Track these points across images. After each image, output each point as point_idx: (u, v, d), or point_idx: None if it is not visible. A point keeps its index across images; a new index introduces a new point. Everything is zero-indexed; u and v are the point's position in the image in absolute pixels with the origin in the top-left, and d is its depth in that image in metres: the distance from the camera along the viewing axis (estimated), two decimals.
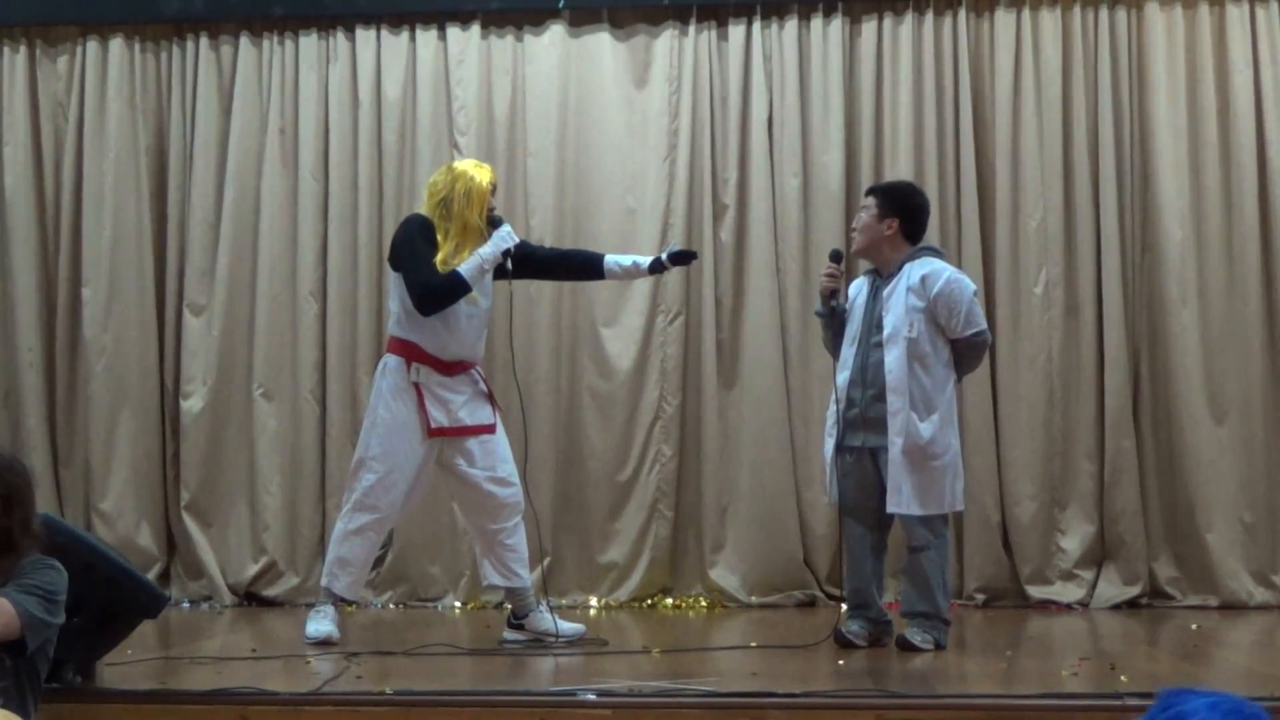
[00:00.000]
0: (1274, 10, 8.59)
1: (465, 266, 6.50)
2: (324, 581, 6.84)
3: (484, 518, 6.77)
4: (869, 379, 6.45)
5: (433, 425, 6.59)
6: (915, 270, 6.49)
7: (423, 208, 6.73)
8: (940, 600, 6.44)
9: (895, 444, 6.35)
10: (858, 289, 6.71)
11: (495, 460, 6.77)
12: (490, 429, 6.78)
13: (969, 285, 6.55)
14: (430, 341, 6.62)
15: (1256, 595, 8.32)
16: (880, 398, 6.41)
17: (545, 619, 6.80)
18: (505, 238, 6.60)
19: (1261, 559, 8.37)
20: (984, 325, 6.58)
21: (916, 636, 6.36)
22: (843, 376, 6.51)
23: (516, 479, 6.86)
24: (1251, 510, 8.39)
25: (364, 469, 6.67)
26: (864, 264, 7.12)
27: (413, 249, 6.54)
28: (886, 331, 6.42)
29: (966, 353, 6.57)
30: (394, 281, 6.73)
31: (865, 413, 6.45)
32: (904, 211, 6.61)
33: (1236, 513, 8.38)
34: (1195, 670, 6.14)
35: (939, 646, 6.38)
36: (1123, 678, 5.44)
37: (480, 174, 6.68)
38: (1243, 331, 8.47)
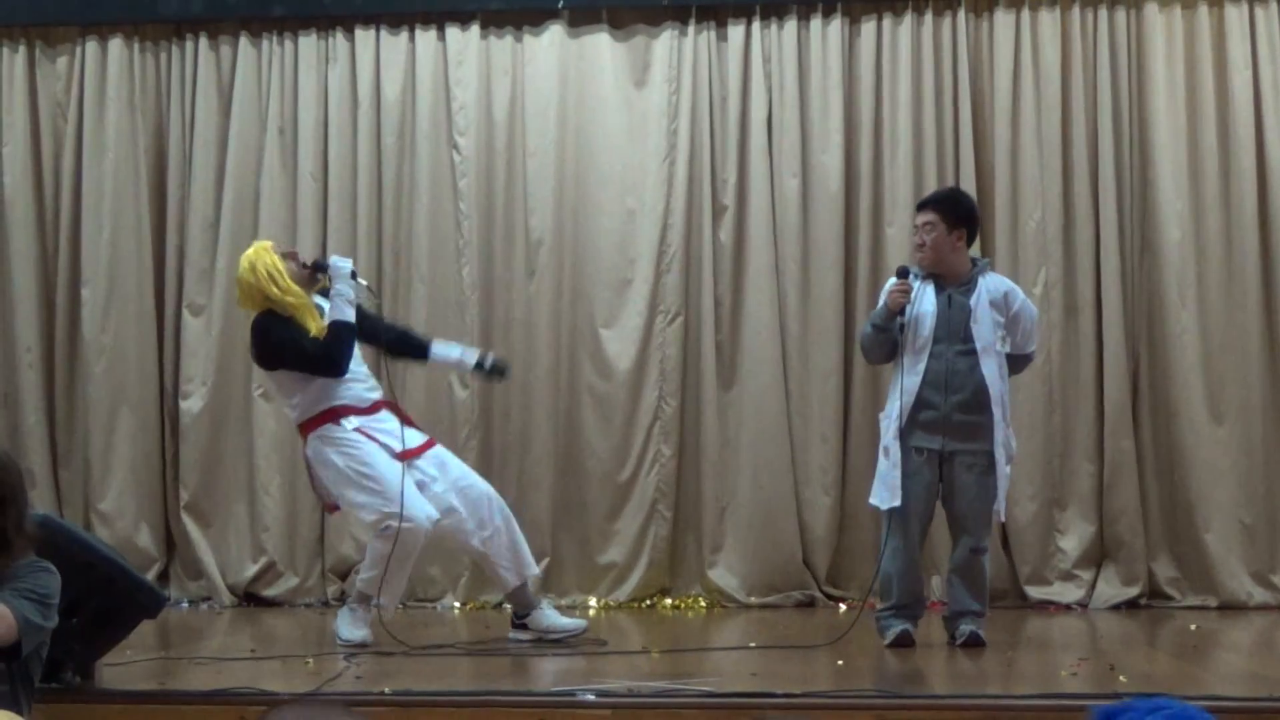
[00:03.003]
0: (1273, 11, 8.58)
1: (336, 312, 6.68)
2: (362, 588, 6.84)
3: (469, 533, 6.80)
4: (954, 385, 6.49)
5: (396, 450, 6.67)
6: (993, 284, 6.66)
7: (251, 308, 6.82)
8: (986, 598, 6.72)
9: (1000, 454, 6.53)
10: (917, 293, 6.61)
11: (450, 471, 6.84)
12: (432, 442, 6.93)
13: (1034, 306, 6.88)
14: (341, 398, 6.72)
15: (1256, 596, 8.32)
16: (968, 406, 6.49)
17: (548, 616, 6.82)
18: (340, 266, 6.77)
19: (1260, 559, 8.37)
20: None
21: (982, 631, 6.53)
22: (912, 380, 6.49)
23: (476, 475, 6.96)
24: (1251, 511, 8.39)
25: (374, 499, 6.64)
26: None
27: (281, 339, 6.66)
28: (979, 343, 6.51)
29: (1017, 366, 6.78)
30: (277, 381, 6.88)
31: (949, 417, 6.48)
32: (969, 220, 6.78)
33: (1236, 513, 8.38)
34: (1194, 670, 6.15)
35: None
36: (1121, 678, 5.44)
37: (258, 252, 6.78)
38: (1242, 332, 8.47)
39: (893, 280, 6.67)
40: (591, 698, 5.03)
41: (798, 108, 8.76)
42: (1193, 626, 7.47)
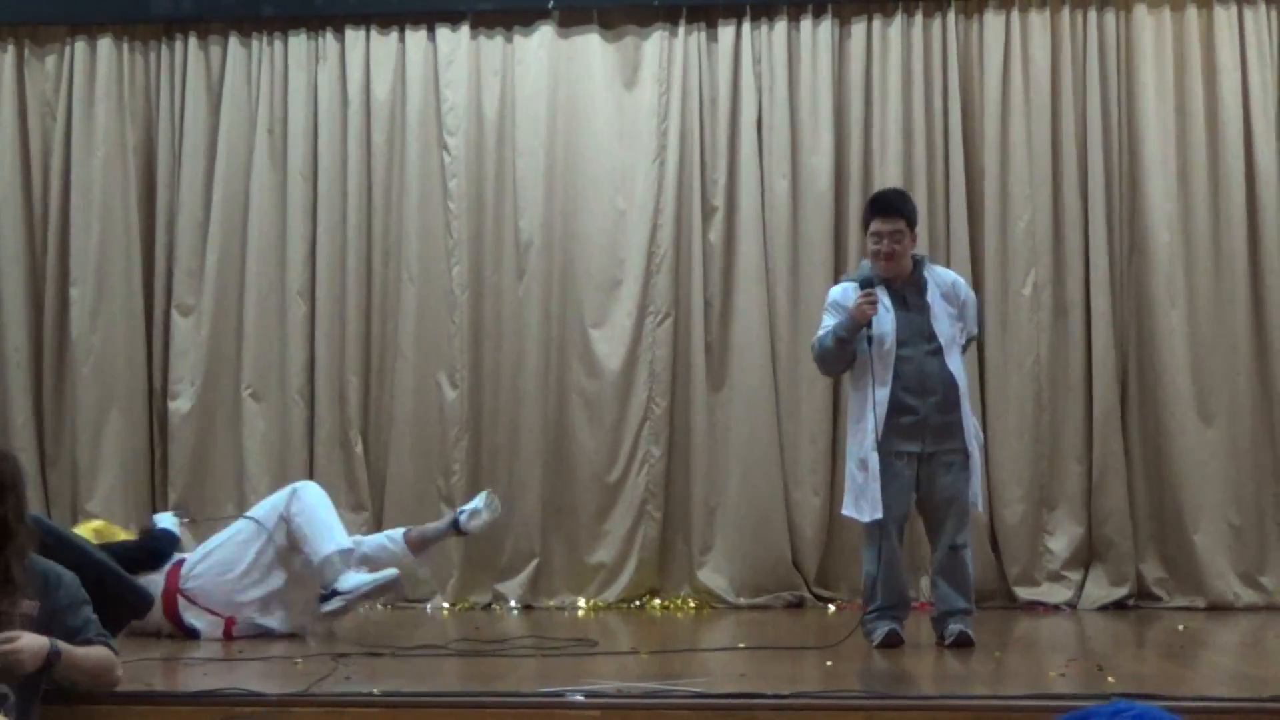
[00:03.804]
0: (1262, 13, 8.61)
1: (162, 523, 7.32)
2: (323, 563, 6.97)
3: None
4: (929, 386, 6.47)
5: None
6: (939, 277, 6.64)
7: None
8: (973, 595, 6.70)
9: (973, 446, 6.53)
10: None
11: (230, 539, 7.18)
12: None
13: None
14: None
15: (1243, 596, 8.33)
16: (944, 405, 6.48)
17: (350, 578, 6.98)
18: (160, 517, 7.47)
19: (1248, 560, 8.39)
20: None
21: (970, 630, 6.51)
22: (883, 389, 6.41)
23: (239, 527, 7.24)
24: (1238, 511, 8.40)
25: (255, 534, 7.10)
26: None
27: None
28: (943, 340, 6.50)
29: (965, 349, 6.79)
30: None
31: (928, 419, 6.46)
32: (917, 222, 6.75)
33: (1224, 514, 8.39)
34: (1181, 671, 6.15)
35: None
36: (1110, 679, 5.44)
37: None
38: (1230, 333, 8.49)
39: (842, 288, 6.64)
40: (581, 699, 5.02)
41: (787, 109, 8.76)
42: (1181, 627, 7.48)
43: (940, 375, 6.47)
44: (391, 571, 6.87)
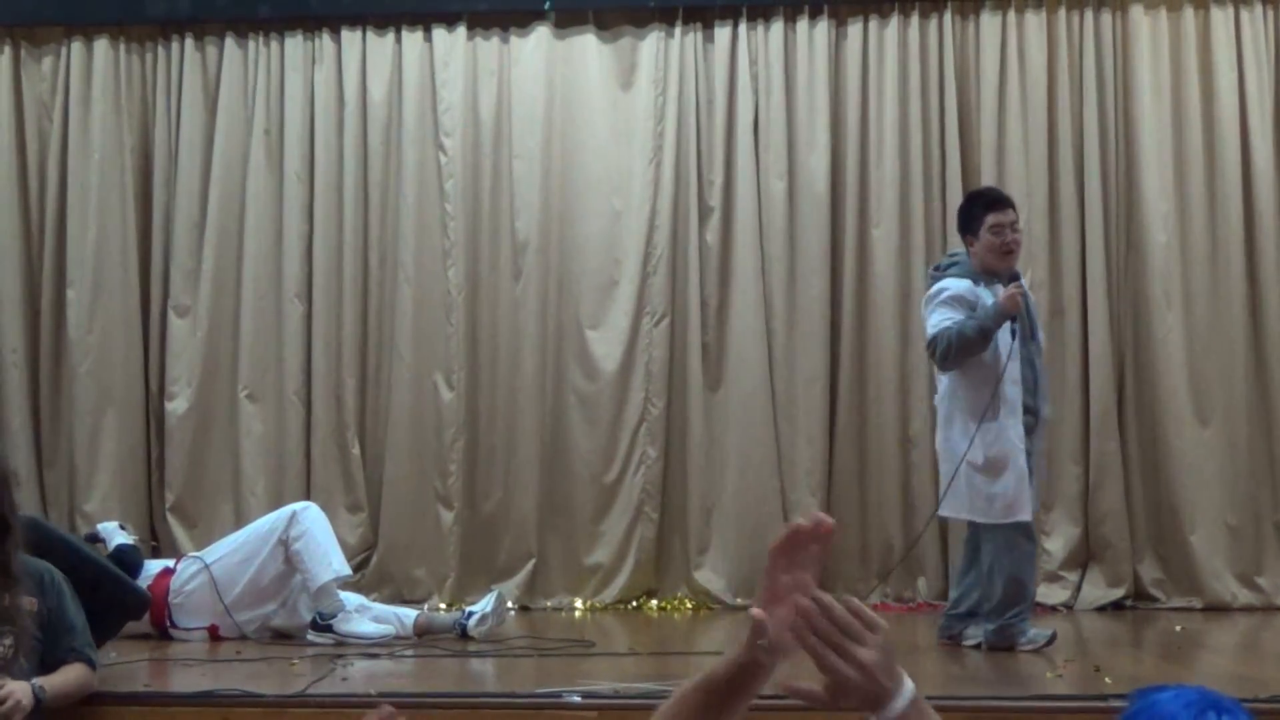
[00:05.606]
0: (1258, 13, 8.61)
1: (116, 538, 7.38)
2: (320, 589, 6.96)
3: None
4: (1040, 387, 6.52)
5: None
6: (1025, 284, 6.69)
7: None
8: None
9: (1042, 450, 6.65)
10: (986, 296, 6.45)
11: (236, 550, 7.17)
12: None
13: None
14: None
15: (1240, 597, 8.33)
16: (1043, 409, 6.56)
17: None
18: (107, 528, 7.52)
19: (1245, 561, 8.39)
20: None
21: None
22: (1014, 388, 6.38)
23: (246, 534, 7.29)
24: (1235, 512, 8.40)
25: (263, 539, 7.10)
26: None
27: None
28: (1042, 345, 6.59)
29: None
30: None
31: (1039, 420, 6.51)
32: None
33: (1220, 515, 8.39)
34: (1179, 672, 6.15)
35: None
36: (1107, 679, 5.45)
37: None
38: (1227, 333, 8.49)
39: (963, 284, 6.44)
40: (577, 699, 5.03)
41: (784, 110, 8.76)
42: (1178, 628, 7.49)
43: (1044, 379, 6.55)
44: (390, 630, 6.91)
